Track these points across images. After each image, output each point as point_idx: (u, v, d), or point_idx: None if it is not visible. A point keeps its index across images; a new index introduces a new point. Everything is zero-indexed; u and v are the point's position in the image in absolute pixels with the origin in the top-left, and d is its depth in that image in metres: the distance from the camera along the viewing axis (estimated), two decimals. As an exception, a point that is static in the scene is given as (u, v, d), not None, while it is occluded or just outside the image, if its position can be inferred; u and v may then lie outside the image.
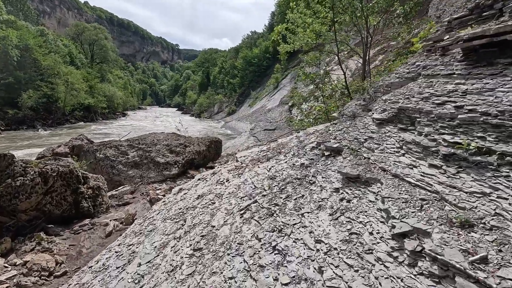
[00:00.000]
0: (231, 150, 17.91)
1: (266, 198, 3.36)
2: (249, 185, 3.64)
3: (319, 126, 5.18)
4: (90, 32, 61.90)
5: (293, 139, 4.88)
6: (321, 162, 3.64)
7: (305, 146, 4.12)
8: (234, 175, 4.11)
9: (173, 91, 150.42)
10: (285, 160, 4.06)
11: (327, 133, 4.24)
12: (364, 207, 2.81)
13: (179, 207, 3.84)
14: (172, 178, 9.46)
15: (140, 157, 9.36)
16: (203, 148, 11.10)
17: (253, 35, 69.65)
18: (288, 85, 35.91)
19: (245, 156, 4.93)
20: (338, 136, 4.00)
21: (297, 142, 4.52)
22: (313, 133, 4.69)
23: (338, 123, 4.18)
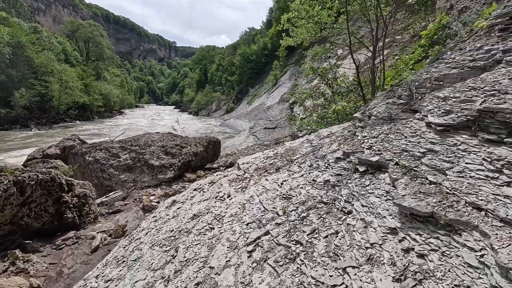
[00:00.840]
0: (230, 149, 17.28)
1: (282, 229, 2.55)
2: (257, 206, 2.95)
3: (333, 128, 4.57)
4: (85, 29, 60.84)
5: (304, 144, 4.26)
6: (355, 181, 2.84)
7: (325, 155, 3.46)
8: (236, 189, 3.45)
9: (170, 89, 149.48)
10: (301, 172, 3.37)
11: (352, 139, 3.53)
12: (457, 273, 1.72)
13: (171, 229, 3.19)
14: (168, 182, 8.83)
15: (133, 160, 8.71)
16: (200, 149, 10.46)
17: (251, 31, 68.80)
18: (288, 82, 35.24)
19: (248, 163, 4.30)
20: (375, 145, 3.15)
21: (310, 148, 3.88)
22: (328, 136, 4.07)
23: (368, 127, 3.48)
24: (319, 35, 8.98)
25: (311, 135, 4.75)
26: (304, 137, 5.10)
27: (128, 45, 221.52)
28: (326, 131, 4.46)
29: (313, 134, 4.69)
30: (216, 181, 4.30)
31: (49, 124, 34.87)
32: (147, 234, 3.49)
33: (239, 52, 57.68)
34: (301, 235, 2.46)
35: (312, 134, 4.75)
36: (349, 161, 3.23)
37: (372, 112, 3.65)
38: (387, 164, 2.84)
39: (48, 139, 25.14)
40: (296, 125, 12.55)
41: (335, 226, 2.47)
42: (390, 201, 2.47)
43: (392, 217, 2.32)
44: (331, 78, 6.25)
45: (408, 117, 3.22)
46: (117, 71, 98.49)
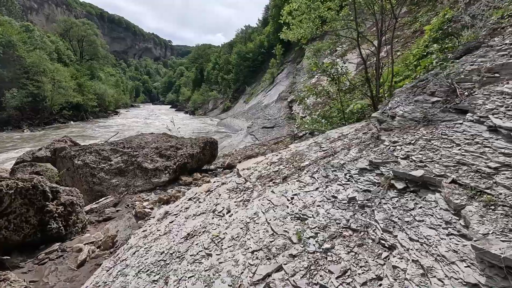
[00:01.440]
0: (227, 150, 16.83)
1: (299, 264, 1.93)
2: (263, 227, 2.42)
3: (343, 129, 4.16)
4: (78, 28, 59.80)
5: (312, 147, 3.85)
6: (391, 201, 2.22)
7: (343, 164, 2.97)
8: (237, 202, 3.00)
9: (166, 88, 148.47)
10: (315, 185, 2.85)
11: (376, 145, 3.02)
12: None
13: (161, 249, 2.74)
14: (162, 186, 8.37)
15: (125, 163, 8.24)
16: (197, 150, 10.00)
17: (247, 29, 68.21)
18: (285, 80, 34.81)
19: (249, 169, 3.87)
20: (413, 155, 2.51)
21: (321, 153, 3.46)
22: (340, 139, 3.67)
23: (396, 131, 2.95)
24: (320, 30, 8.57)
25: (318, 137, 4.34)
26: (310, 139, 4.67)
27: (123, 44, 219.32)
28: (336, 133, 4.06)
29: (321, 136, 4.27)
30: (213, 189, 3.87)
31: (42, 125, 34.14)
32: (134, 254, 3.05)
33: (235, 50, 57.13)
34: (326, 277, 1.82)
35: (320, 136, 4.33)
36: (379, 174, 2.63)
37: (396, 111, 3.17)
38: (438, 181, 2.20)
39: (41, 140, 24.51)
40: (296, 124, 12.13)
41: (375, 267, 1.82)
42: (456, 238, 1.77)
43: (467, 265, 1.62)
44: (337, 74, 5.84)
45: (453, 118, 2.63)
46: (112, 71, 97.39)
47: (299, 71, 25.21)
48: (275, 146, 13.20)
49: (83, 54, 61.79)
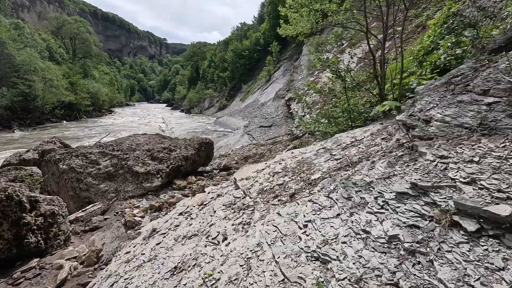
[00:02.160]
0: (224, 150, 16.33)
1: None
2: (270, 267, 1.84)
3: (355, 133, 3.70)
4: (71, 25, 58.61)
5: (322, 154, 3.40)
6: (461, 249, 1.58)
7: (370, 183, 2.40)
8: (235, 225, 2.46)
9: (162, 86, 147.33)
10: (334, 209, 2.27)
11: (412, 158, 2.41)
12: None
13: (143, 286, 2.25)
14: (155, 191, 7.87)
15: (114, 167, 7.72)
16: (191, 152, 9.50)
17: (243, 26, 67.48)
18: (281, 78, 34.31)
19: (248, 179, 3.39)
20: (483, 180, 1.85)
21: (333, 163, 2.96)
22: (354, 145, 3.20)
23: (440, 141, 2.36)
24: (321, 23, 8.11)
25: (327, 142, 3.87)
26: (317, 143, 4.20)
27: (118, 42, 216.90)
28: (348, 138, 3.60)
29: (329, 141, 3.81)
30: (207, 202, 3.40)
31: (33, 125, 33.32)
32: (112, 287, 2.57)
33: (231, 48, 56.43)
34: None
35: (329, 141, 3.86)
36: (429, 203, 1.96)
37: (431, 115, 2.61)
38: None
39: (31, 141, 23.79)
40: (295, 123, 11.67)
41: None
42: None
43: None
44: (343, 71, 5.38)
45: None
46: (107, 69, 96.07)
47: (296, 68, 24.70)
48: (273, 147, 12.73)
49: (76, 52, 60.62)
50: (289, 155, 4.03)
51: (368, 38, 5.54)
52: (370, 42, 10.51)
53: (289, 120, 17.27)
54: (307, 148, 4.04)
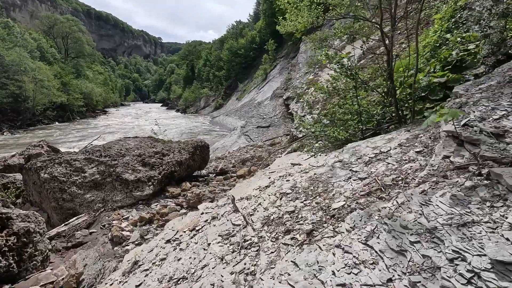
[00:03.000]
0: (220, 152, 15.77)
1: None
2: None
3: (375, 141, 3.16)
4: (62, 24, 57.44)
5: (339, 170, 2.86)
6: None
7: (433, 231, 1.68)
8: (235, 275, 1.80)
9: (157, 86, 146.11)
10: (381, 271, 1.59)
11: (494, 193, 1.71)
12: None
13: None
14: (146, 200, 7.30)
15: (101, 175, 7.12)
16: (185, 156, 8.93)
17: (238, 25, 66.74)
18: (278, 76, 33.77)
19: (249, 199, 2.83)
20: None
21: (357, 182, 2.41)
22: (378, 159, 2.67)
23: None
24: (322, 18, 7.57)
25: (342, 152, 3.33)
26: (330, 154, 3.64)
27: (112, 41, 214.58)
28: (369, 148, 3.07)
29: (345, 152, 3.27)
30: (200, 228, 2.85)
31: (24, 127, 32.43)
32: None
33: (227, 46, 55.72)
34: None
35: (345, 152, 3.32)
36: None
37: (506, 127, 1.93)
38: None
39: (21, 143, 22.99)
40: (295, 124, 11.15)
41: None
42: None
43: None
44: (355, 68, 4.84)
45: None
46: (101, 69, 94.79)
47: (294, 66, 24.15)
48: (272, 149, 12.20)
49: (69, 52, 59.45)
50: (296, 169, 3.46)
51: (382, 30, 5.00)
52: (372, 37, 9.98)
53: (287, 120, 16.74)
54: (318, 160, 3.49)
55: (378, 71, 7.80)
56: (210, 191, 8.19)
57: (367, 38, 5.49)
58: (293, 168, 3.54)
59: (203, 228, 2.80)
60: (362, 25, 9.61)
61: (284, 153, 10.22)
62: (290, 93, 17.37)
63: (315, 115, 10.21)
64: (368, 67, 5.65)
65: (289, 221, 2.20)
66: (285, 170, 3.50)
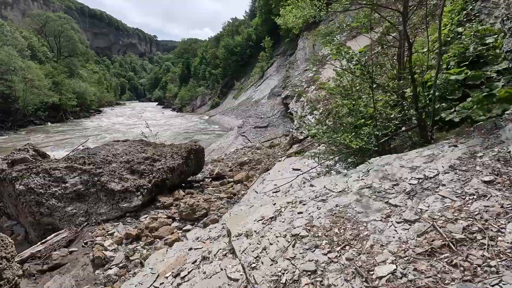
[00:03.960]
0: (216, 153, 15.12)
1: None
2: None
3: (411, 157, 2.55)
4: (54, 22, 56.08)
5: (370, 200, 2.24)
6: None
7: None
8: None
9: (153, 84, 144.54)
10: None
11: None
12: None
13: None
14: (134, 212, 6.65)
15: (85, 185, 6.45)
16: (179, 161, 8.29)
17: (234, 22, 65.77)
18: (275, 74, 33.09)
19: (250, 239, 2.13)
20: None
21: (402, 225, 1.80)
22: (425, 188, 2.05)
23: None
24: (324, 11, 6.96)
25: (369, 174, 2.69)
26: (351, 173, 2.98)
27: (107, 40, 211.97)
28: (405, 169, 2.43)
29: (372, 173, 2.63)
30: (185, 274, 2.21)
31: (14, 128, 31.47)
32: None
33: (223, 44, 54.79)
34: None
35: (372, 172, 2.68)
36: None
37: None
38: None
39: (10, 146, 22.15)
40: (295, 125, 10.53)
41: None
42: None
43: None
44: (372, 65, 4.22)
45: None
46: (95, 68, 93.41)
47: (292, 64, 23.49)
48: (271, 150, 11.58)
49: (61, 51, 58.15)
50: (309, 193, 2.80)
51: (405, 18, 4.36)
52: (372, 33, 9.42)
53: (286, 120, 16.13)
54: (336, 181, 2.82)
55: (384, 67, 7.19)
56: (205, 200, 7.57)
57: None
58: (303, 188, 2.91)
59: (189, 274, 2.17)
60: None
61: (284, 156, 9.62)
62: (289, 91, 16.73)
63: (316, 115, 9.60)
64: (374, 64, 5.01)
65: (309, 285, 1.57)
66: (294, 193, 2.87)
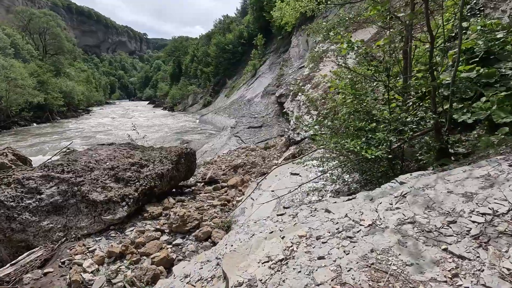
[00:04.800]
0: (209, 155, 14.54)
1: None
2: None
3: (460, 179, 2.05)
4: (39, 19, 54.20)
5: (418, 244, 1.69)
6: None
7: None
8: None
9: (143, 83, 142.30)
10: None
11: None
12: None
13: None
14: (119, 224, 6.06)
15: (63, 195, 5.84)
16: (168, 166, 7.71)
17: (226, 19, 64.89)
18: (268, 72, 32.57)
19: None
20: None
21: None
22: (499, 230, 1.56)
23: None
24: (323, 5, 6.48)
25: (404, 200, 2.17)
26: (374, 197, 2.44)
27: (95, 38, 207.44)
28: (452, 194, 1.93)
29: (409, 197, 2.11)
30: None
31: (-3, 130, 30.19)
32: None
33: (214, 42, 53.93)
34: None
35: (408, 197, 2.14)
36: None
37: None
38: None
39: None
40: (291, 126, 10.03)
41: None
42: None
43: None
44: (389, 62, 3.74)
45: None
46: (84, 66, 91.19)
47: (286, 61, 22.97)
48: (266, 152, 11.07)
49: (47, 49, 56.28)
50: (328, 224, 2.26)
51: (428, 7, 3.89)
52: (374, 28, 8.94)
53: (281, 119, 15.63)
54: (360, 208, 2.29)
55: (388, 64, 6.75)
56: (197, 208, 7.05)
57: (415, 16, 4.37)
58: (316, 213, 2.37)
59: None
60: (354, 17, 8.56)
61: (281, 158, 9.14)
62: (283, 90, 16.20)
63: (314, 116, 9.12)
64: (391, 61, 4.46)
65: None
66: (306, 220, 2.35)
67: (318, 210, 2.55)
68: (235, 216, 6.41)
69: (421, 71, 4.51)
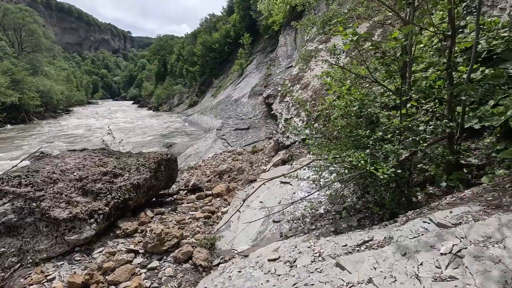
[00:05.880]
0: (193, 159, 13.80)
1: None
2: None
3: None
4: (14, 15, 51.51)
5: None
6: None
7: None
8: None
9: (128, 82, 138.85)
10: None
11: None
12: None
13: None
14: (86, 245, 5.31)
15: (18, 213, 5.04)
16: (146, 175, 6.98)
17: (212, 18, 63.87)
18: (255, 71, 31.98)
19: None
20: None
21: None
22: None
23: None
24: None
25: (463, 259, 1.58)
26: (418, 248, 1.86)
27: (76, 35, 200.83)
28: None
29: (467, 255, 1.52)
30: None
31: (-34, 132, 28.25)
32: None
33: (200, 40, 52.88)
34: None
35: (466, 255, 1.55)
36: None
37: None
38: None
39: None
40: (280, 129, 9.48)
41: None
42: None
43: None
44: (402, 59, 3.23)
45: None
46: (65, 64, 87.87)
47: (273, 61, 22.44)
48: (254, 156, 10.47)
49: (23, 46, 53.59)
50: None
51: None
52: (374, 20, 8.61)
53: (269, 120, 15.06)
54: (391, 267, 1.64)
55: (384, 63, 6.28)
56: (178, 221, 6.37)
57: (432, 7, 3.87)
58: (323, 266, 1.78)
59: None
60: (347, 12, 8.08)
61: (270, 164, 8.56)
62: (271, 90, 15.63)
63: (305, 118, 8.58)
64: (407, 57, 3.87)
65: None
66: (310, 277, 1.77)
67: (325, 259, 1.95)
68: (220, 231, 5.78)
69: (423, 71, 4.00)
